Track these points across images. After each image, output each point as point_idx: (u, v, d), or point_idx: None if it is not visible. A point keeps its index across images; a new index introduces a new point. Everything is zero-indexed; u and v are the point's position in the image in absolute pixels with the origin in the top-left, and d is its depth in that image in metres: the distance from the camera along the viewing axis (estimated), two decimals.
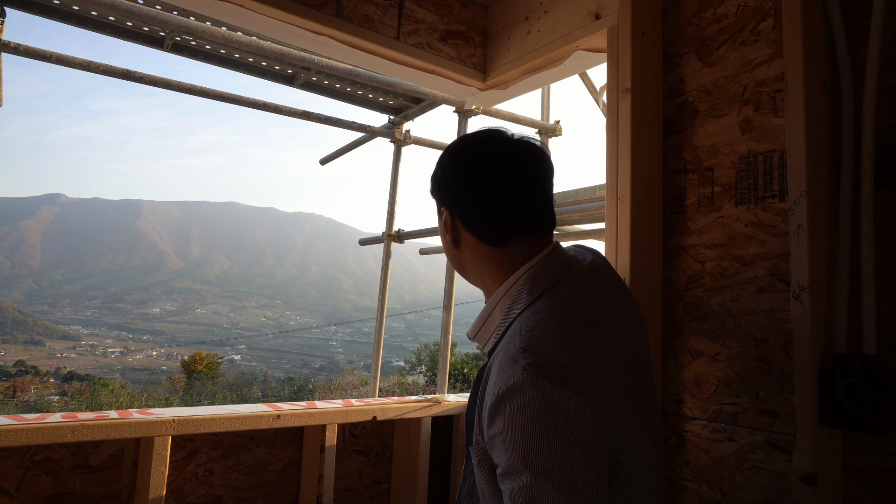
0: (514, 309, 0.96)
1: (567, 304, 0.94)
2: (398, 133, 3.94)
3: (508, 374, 0.83)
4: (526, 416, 0.79)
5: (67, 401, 33.67)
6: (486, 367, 0.93)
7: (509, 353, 0.87)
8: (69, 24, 2.69)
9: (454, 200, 1.05)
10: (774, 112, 1.39)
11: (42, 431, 1.59)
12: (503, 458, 0.82)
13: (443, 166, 1.07)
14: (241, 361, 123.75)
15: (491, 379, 0.88)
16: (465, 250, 1.06)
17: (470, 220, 1.03)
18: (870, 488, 1.15)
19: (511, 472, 0.80)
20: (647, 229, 1.57)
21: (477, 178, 1.01)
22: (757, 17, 1.45)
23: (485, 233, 1.02)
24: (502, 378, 0.84)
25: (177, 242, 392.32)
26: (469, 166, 1.03)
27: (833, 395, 1.13)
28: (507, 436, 0.81)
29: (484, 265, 1.04)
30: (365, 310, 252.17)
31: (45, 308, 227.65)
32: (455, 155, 1.05)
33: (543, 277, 0.98)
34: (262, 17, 1.84)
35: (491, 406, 0.84)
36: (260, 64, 3.27)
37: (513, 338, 0.89)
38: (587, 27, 1.82)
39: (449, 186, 1.05)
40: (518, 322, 0.92)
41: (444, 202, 1.07)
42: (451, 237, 1.06)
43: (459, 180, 1.03)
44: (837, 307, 1.18)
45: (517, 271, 1.00)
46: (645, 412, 0.97)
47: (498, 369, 0.87)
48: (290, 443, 2.22)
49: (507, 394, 0.82)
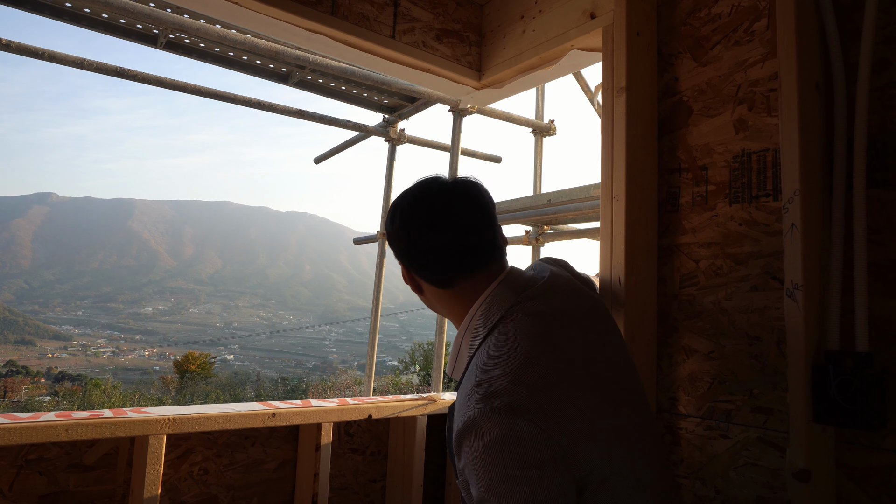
0: (474, 343, 1.02)
1: (518, 331, 0.99)
2: (393, 132, 3.93)
3: (465, 410, 0.89)
4: (482, 446, 0.85)
5: (59, 401, 33.47)
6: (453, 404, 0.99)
7: (466, 389, 0.93)
8: (62, 21, 2.68)
9: (402, 253, 1.12)
10: (768, 111, 1.40)
11: (36, 430, 1.58)
12: (473, 489, 0.86)
13: (389, 223, 1.14)
14: (234, 361, 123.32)
15: (451, 415, 0.95)
16: (428, 294, 1.14)
17: (418, 268, 1.11)
18: (862, 484, 1.16)
19: (480, 499, 0.84)
20: (641, 228, 1.58)
21: (412, 231, 1.09)
22: (751, 16, 1.46)
23: (433, 278, 1.10)
24: (460, 414, 0.90)
25: (169, 242, 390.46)
26: (406, 221, 1.10)
27: (826, 392, 1.14)
28: (471, 468, 0.86)
29: (446, 305, 1.12)
30: (359, 309, 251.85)
31: (36, 308, 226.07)
32: (392, 212, 1.14)
33: (495, 308, 1.03)
34: (256, 15, 1.84)
35: (455, 441, 0.90)
36: (254, 62, 3.26)
37: (471, 374, 0.95)
38: (582, 26, 1.82)
39: (395, 241, 1.14)
40: (476, 357, 0.98)
41: (396, 255, 1.15)
42: (413, 285, 1.14)
43: (399, 235, 1.11)
44: (830, 305, 1.19)
45: (472, 306, 1.06)
46: (626, 409, 1.00)
47: (458, 406, 0.93)
48: (286, 441, 2.22)
49: (464, 429, 0.87)
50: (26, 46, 2.66)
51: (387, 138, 3.99)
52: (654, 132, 1.64)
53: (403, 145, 4.04)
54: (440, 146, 4.16)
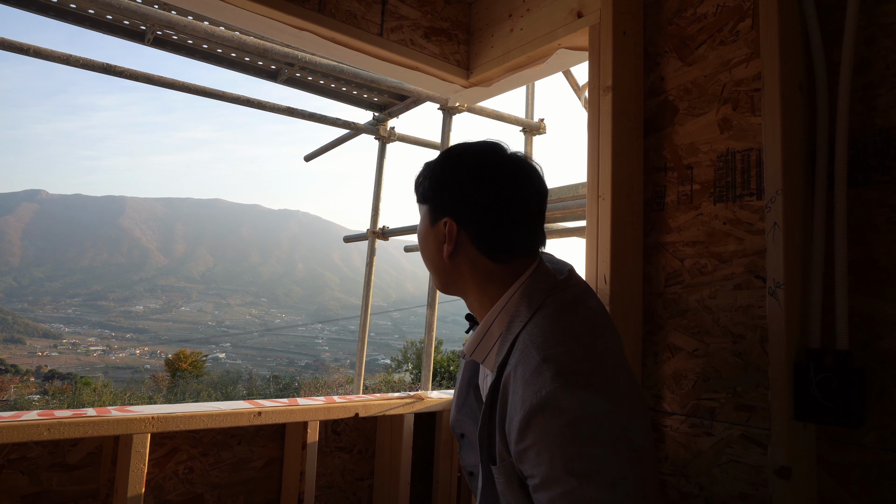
0: (516, 323, 0.95)
1: (566, 313, 0.95)
2: (383, 130, 3.93)
3: (537, 386, 0.84)
4: (563, 423, 0.81)
5: (48, 400, 33.22)
6: (501, 383, 0.92)
7: (530, 366, 0.87)
8: (48, 17, 2.65)
9: (465, 213, 0.99)
10: (752, 111, 1.40)
11: (17, 429, 1.57)
12: (540, 469, 0.81)
13: (453, 175, 1.01)
14: (225, 360, 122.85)
15: (513, 394, 0.87)
16: (461, 263, 1.02)
17: (480, 234, 0.99)
18: (842, 481, 1.17)
19: (551, 481, 0.80)
20: (627, 226, 1.58)
21: (496, 196, 0.98)
22: (735, 17, 1.46)
23: (493, 249, 0.99)
24: (531, 391, 0.84)
25: (160, 239, 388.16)
26: (490, 182, 0.99)
27: (807, 389, 1.15)
28: (543, 446, 0.81)
29: (478, 279, 1.01)
30: (351, 307, 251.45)
31: (26, 306, 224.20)
32: (461, 162, 1.01)
33: (538, 290, 0.98)
34: (243, 12, 1.83)
35: (522, 420, 0.83)
36: (243, 59, 3.24)
37: (526, 351, 0.89)
38: (569, 25, 1.82)
39: (458, 198, 0.99)
40: (525, 335, 0.92)
41: (447, 212, 1.00)
42: (449, 249, 1.00)
43: (471, 186, 0.99)
44: (812, 303, 1.19)
45: (512, 286, 0.99)
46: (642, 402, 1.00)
47: (522, 383, 0.86)
48: (272, 440, 2.21)
49: (539, 406, 0.82)
50: (11, 42, 2.63)
51: (377, 136, 3.98)
52: (641, 131, 1.65)
53: (393, 143, 4.03)
54: (430, 144, 4.16)
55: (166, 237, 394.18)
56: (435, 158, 1.07)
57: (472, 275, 1.01)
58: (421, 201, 1.06)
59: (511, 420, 0.86)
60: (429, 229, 1.04)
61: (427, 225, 1.04)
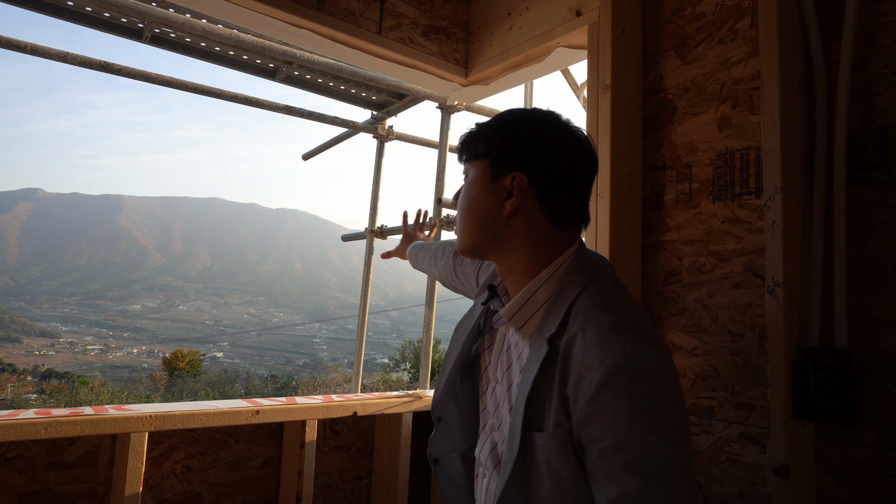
0: (569, 290, 0.94)
1: (615, 285, 0.97)
2: (381, 128, 3.92)
3: (616, 345, 0.82)
4: (644, 383, 0.80)
5: (46, 399, 33.17)
6: (560, 345, 0.90)
7: (604, 327, 0.85)
8: (44, 14, 2.64)
9: (539, 170, 0.97)
10: (751, 110, 1.40)
11: (14, 428, 1.56)
12: (615, 429, 0.80)
13: (530, 131, 0.99)
14: (223, 359, 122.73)
15: (584, 354, 0.85)
16: (518, 223, 0.98)
17: (552, 194, 0.97)
18: (841, 479, 1.17)
19: (627, 442, 0.79)
20: (626, 225, 1.58)
21: (570, 156, 0.98)
22: (735, 15, 1.46)
23: (559, 211, 0.98)
24: (609, 350, 0.82)
25: (158, 238, 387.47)
26: (565, 137, 0.99)
27: (806, 388, 1.15)
28: (622, 406, 0.80)
29: (532, 242, 0.98)
30: (349, 307, 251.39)
31: (23, 305, 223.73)
32: (545, 122, 1.00)
33: (588, 262, 0.98)
34: (241, 10, 1.82)
35: (600, 379, 0.81)
36: (241, 57, 3.23)
37: (593, 313, 0.88)
38: (568, 24, 1.82)
39: (535, 154, 0.97)
40: (586, 299, 0.91)
41: (518, 167, 0.97)
42: (515, 204, 0.97)
43: (552, 147, 0.98)
44: (810, 302, 1.19)
45: (564, 253, 0.98)
46: None
47: (596, 342, 0.84)
48: (270, 439, 2.20)
49: (621, 365, 0.81)
50: (8, 39, 2.62)
51: (375, 135, 3.98)
52: (639, 130, 1.64)
53: (392, 142, 4.02)
54: (428, 143, 4.15)
55: (164, 236, 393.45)
56: (498, 117, 1.04)
57: (527, 236, 0.98)
58: (474, 157, 1.03)
59: (580, 381, 0.84)
60: (487, 185, 1.00)
61: (485, 180, 1.00)
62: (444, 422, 1.13)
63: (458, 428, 1.13)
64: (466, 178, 1.04)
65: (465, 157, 1.05)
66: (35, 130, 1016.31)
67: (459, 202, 1.04)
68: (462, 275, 1.44)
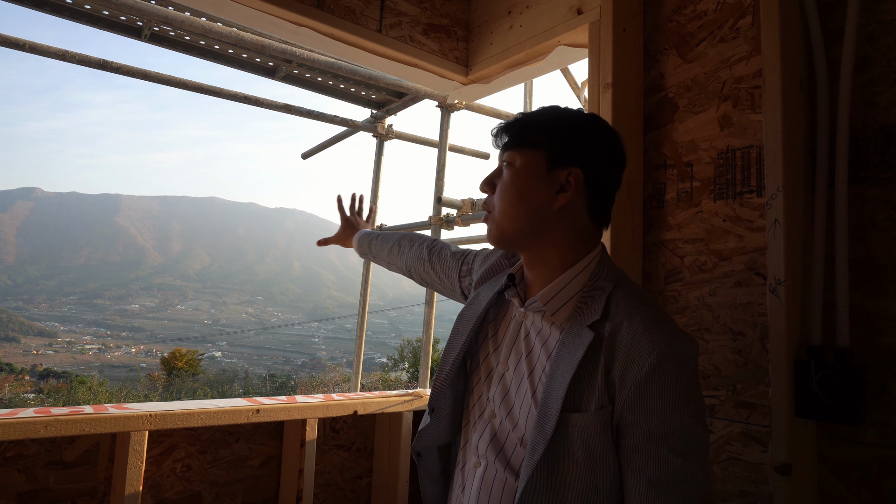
0: (603, 283, 1.00)
1: (638, 286, 1.06)
2: (380, 127, 3.91)
3: (665, 334, 0.90)
4: (689, 370, 0.90)
5: (44, 398, 33.11)
6: (605, 332, 0.94)
7: (650, 317, 0.92)
8: (43, 12, 2.63)
9: (594, 170, 1.02)
10: (752, 108, 1.40)
11: (13, 426, 1.56)
12: (661, 412, 0.86)
13: (589, 130, 1.04)
14: (221, 358, 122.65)
15: (633, 340, 0.90)
16: (565, 216, 1.02)
17: (599, 192, 1.03)
18: (843, 478, 1.17)
19: (672, 422, 0.86)
20: (627, 224, 1.58)
21: (618, 158, 1.06)
22: (736, 14, 1.46)
23: (601, 211, 1.05)
24: (660, 337, 0.89)
25: (156, 238, 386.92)
26: (616, 143, 1.06)
27: (808, 386, 1.15)
28: (669, 390, 0.87)
29: (573, 235, 1.03)
30: (347, 306, 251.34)
31: (21, 304, 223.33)
32: (603, 126, 1.06)
33: (612, 261, 1.07)
34: (241, 7, 1.82)
35: (652, 363, 0.87)
36: (240, 56, 3.23)
37: (636, 304, 0.95)
38: (569, 22, 1.82)
39: (594, 153, 1.02)
40: (625, 292, 0.98)
41: (576, 163, 1.01)
42: (566, 199, 1.01)
43: (608, 150, 1.04)
44: (812, 300, 1.19)
45: (594, 251, 1.04)
46: None
47: (645, 330, 0.90)
48: (270, 438, 2.20)
49: (672, 352, 0.88)
50: (6, 37, 2.61)
51: (374, 134, 3.97)
52: (640, 128, 1.64)
53: (391, 141, 4.02)
54: (428, 142, 4.15)
55: (162, 235, 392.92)
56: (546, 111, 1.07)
57: (570, 229, 1.02)
58: (526, 146, 1.04)
59: (628, 365, 0.89)
60: (542, 175, 1.02)
61: (539, 171, 1.02)
62: (437, 413, 1.12)
63: (447, 419, 1.12)
64: (511, 164, 1.04)
65: (512, 144, 1.06)
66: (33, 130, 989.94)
67: (504, 188, 1.04)
68: (440, 268, 1.43)
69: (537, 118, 1.05)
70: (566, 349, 0.95)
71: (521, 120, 1.07)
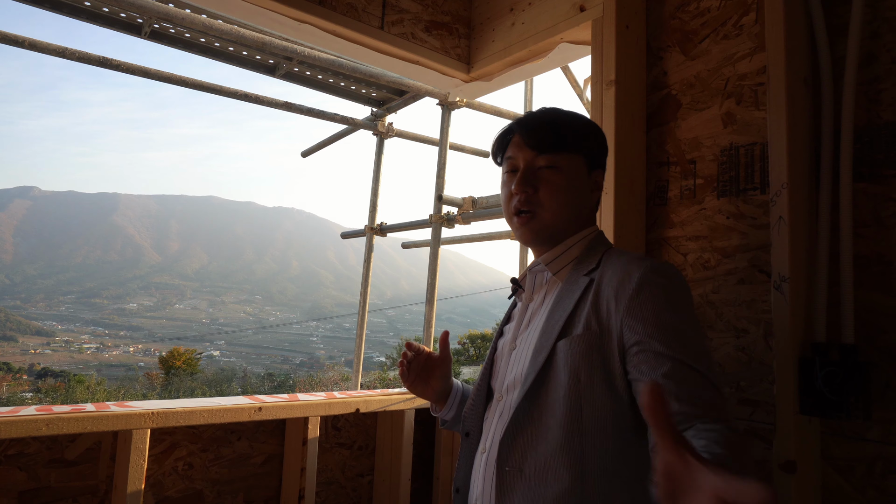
0: (598, 247, 1.15)
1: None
2: (381, 125, 3.91)
3: (648, 260, 1.02)
4: (674, 282, 1.00)
5: (42, 397, 33.02)
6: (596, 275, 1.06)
7: (634, 255, 1.06)
8: (42, 9, 2.62)
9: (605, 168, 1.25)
10: (756, 105, 1.40)
11: (15, 424, 1.55)
12: (658, 316, 0.95)
13: (602, 136, 1.23)
14: (220, 357, 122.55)
15: (616, 273, 1.02)
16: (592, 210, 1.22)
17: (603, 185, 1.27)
18: (847, 475, 1.17)
19: (670, 323, 0.94)
20: (630, 221, 1.58)
21: None
22: (739, 11, 1.46)
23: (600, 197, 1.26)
24: (644, 262, 1.01)
25: (154, 237, 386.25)
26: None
27: (812, 383, 1.15)
28: (661, 296, 0.97)
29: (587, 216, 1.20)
30: (346, 305, 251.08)
31: (18, 303, 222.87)
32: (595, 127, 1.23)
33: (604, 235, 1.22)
34: (243, 4, 1.81)
35: (641, 276, 0.99)
36: (241, 53, 3.22)
37: (619, 254, 1.09)
38: (571, 19, 1.82)
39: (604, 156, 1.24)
40: (618, 251, 1.12)
41: (599, 165, 1.21)
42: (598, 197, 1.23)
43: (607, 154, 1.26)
44: (817, 297, 1.19)
45: (593, 225, 1.21)
46: None
47: (626, 264, 1.03)
48: (272, 436, 2.20)
49: (656, 268, 1.00)
50: (5, 34, 2.60)
51: (375, 132, 3.97)
52: (643, 126, 1.64)
53: (392, 139, 4.02)
54: (429, 140, 4.14)
55: (160, 234, 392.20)
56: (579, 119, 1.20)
57: (586, 211, 1.20)
58: (570, 151, 1.16)
59: (621, 286, 1.00)
60: (585, 177, 1.18)
61: (582, 173, 1.17)
62: (472, 437, 1.16)
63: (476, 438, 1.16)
64: (555, 167, 1.14)
65: (554, 147, 1.15)
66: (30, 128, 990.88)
67: (557, 188, 1.14)
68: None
69: (573, 124, 1.18)
70: (565, 293, 1.09)
71: (557, 123, 1.17)
